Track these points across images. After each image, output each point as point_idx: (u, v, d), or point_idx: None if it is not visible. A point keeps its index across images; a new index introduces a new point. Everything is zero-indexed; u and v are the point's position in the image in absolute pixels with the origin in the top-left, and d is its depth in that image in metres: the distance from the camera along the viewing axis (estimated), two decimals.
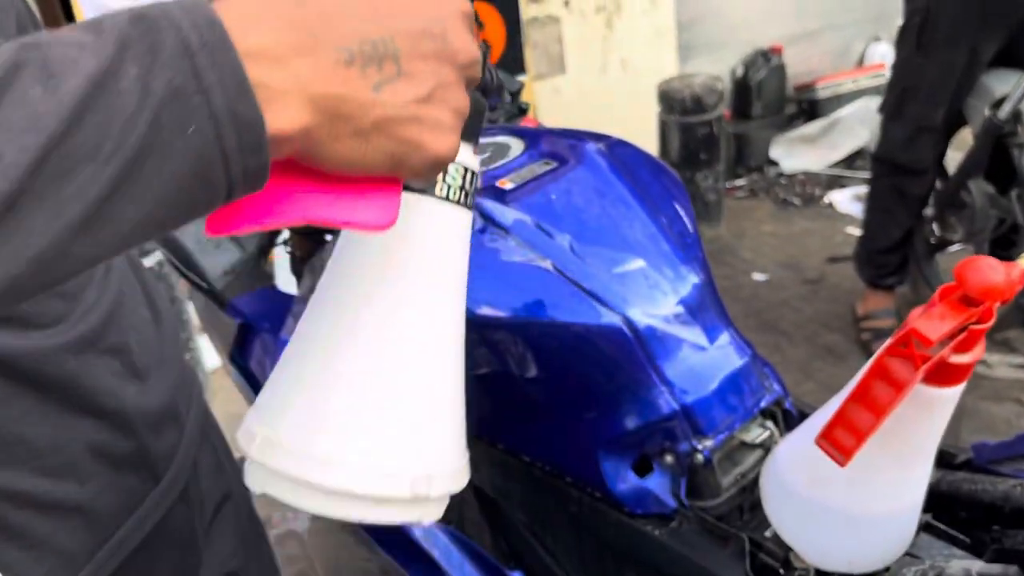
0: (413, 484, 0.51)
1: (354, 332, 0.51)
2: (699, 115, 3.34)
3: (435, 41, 0.43)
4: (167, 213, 0.38)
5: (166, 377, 0.76)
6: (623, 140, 1.11)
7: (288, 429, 0.51)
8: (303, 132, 0.40)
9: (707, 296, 0.95)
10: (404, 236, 0.51)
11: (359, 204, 0.44)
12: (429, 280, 0.53)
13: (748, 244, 3.54)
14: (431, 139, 0.43)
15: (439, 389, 0.54)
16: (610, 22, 3.75)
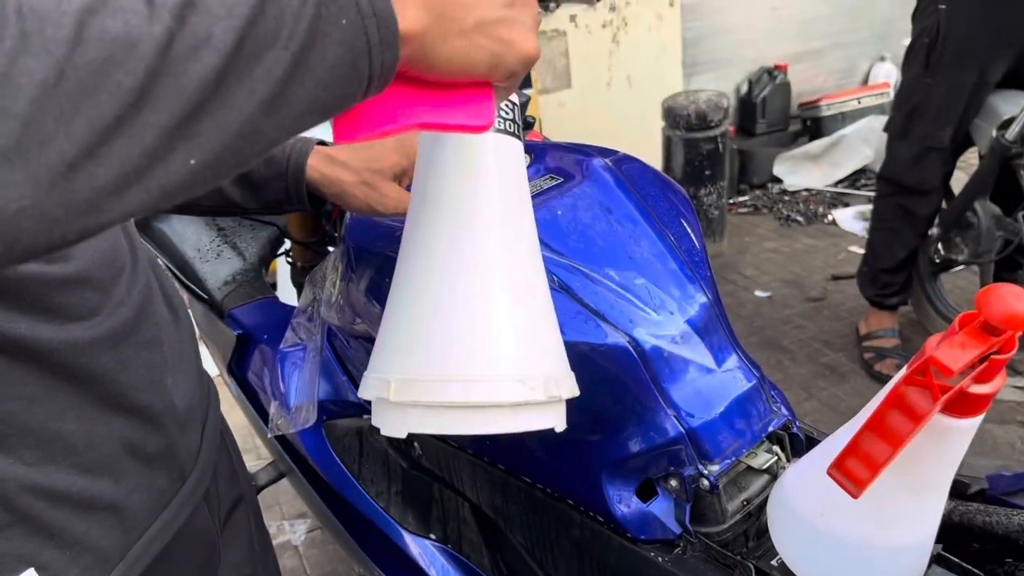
0: (547, 386, 0.56)
1: (462, 259, 0.56)
2: (704, 131, 3.32)
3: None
4: (327, 100, 0.42)
5: (188, 375, 0.75)
6: (630, 155, 1.09)
7: (423, 363, 0.55)
8: (422, 31, 0.45)
9: (714, 316, 0.93)
10: (482, 166, 0.57)
11: (462, 107, 0.49)
12: (513, 200, 0.59)
13: (751, 261, 3.52)
14: (521, 38, 0.50)
15: (543, 297, 0.60)
16: (616, 37, 3.74)
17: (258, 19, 0.39)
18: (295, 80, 0.40)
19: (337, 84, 0.42)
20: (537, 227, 0.94)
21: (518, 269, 0.59)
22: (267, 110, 0.40)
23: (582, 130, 3.79)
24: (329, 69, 0.42)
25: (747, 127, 4.43)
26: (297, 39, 0.40)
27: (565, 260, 0.91)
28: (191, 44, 0.37)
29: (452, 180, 0.58)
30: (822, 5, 4.46)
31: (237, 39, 0.38)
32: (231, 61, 0.38)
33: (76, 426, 0.61)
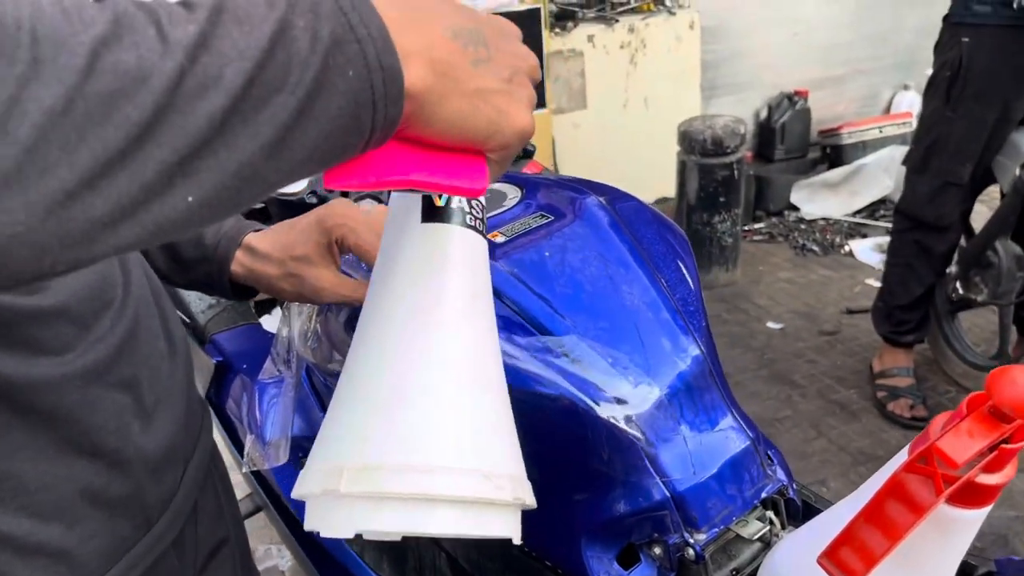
0: (513, 487, 0.52)
1: (428, 348, 0.53)
2: (719, 157, 3.26)
3: (510, 42, 0.52)
4: (327, 148, 0.43)
5: (173, 416, 0.71)
6: (626, 193, 1.04)
7: (382, 449, 0.50)
8: (425, 90, 0.45)
9: (707, 371, 0.87)
10: (448, 258, 0.56)
11: (455, 170, 0.49)
12: (480, 293, 0.58)
13: (764, 290, 3.45)
14: (517, 112, 0.50)
15: (504, 397, 0.57)
16: (634, 59, 3.70)
17: (268, 63, 0.39)
18: (299, 126, 0.41)
19: (339, 134, 0.42)
20: (524, 269, 0.90)
21: (482, 364, 0.56)
22: (269, 154, 0.40)
23: (596, 152, 3.75)
24: (332, 118, 0.42)
25: (765, 153, 4.37)
26: (304, 86, 0.40)
27: (550, 308, 0.86)
28: (201, 82, 0.37)
29: (416, 270, 0.56)
30: (845, 31, 4.40)
31: (246, 81, 0.38)
32: (238, 102, 0.38)
33: (29, 467, 0.57)
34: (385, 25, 0.43)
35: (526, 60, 0.52)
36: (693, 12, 3.80)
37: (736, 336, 3.11)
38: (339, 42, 0.41)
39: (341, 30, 0.41)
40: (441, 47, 0.46)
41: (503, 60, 0.50)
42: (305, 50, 0.40)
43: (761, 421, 2.59)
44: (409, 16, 0.45)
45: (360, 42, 0.42)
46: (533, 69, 0.53)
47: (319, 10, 0.41)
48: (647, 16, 3.71)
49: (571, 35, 3.55)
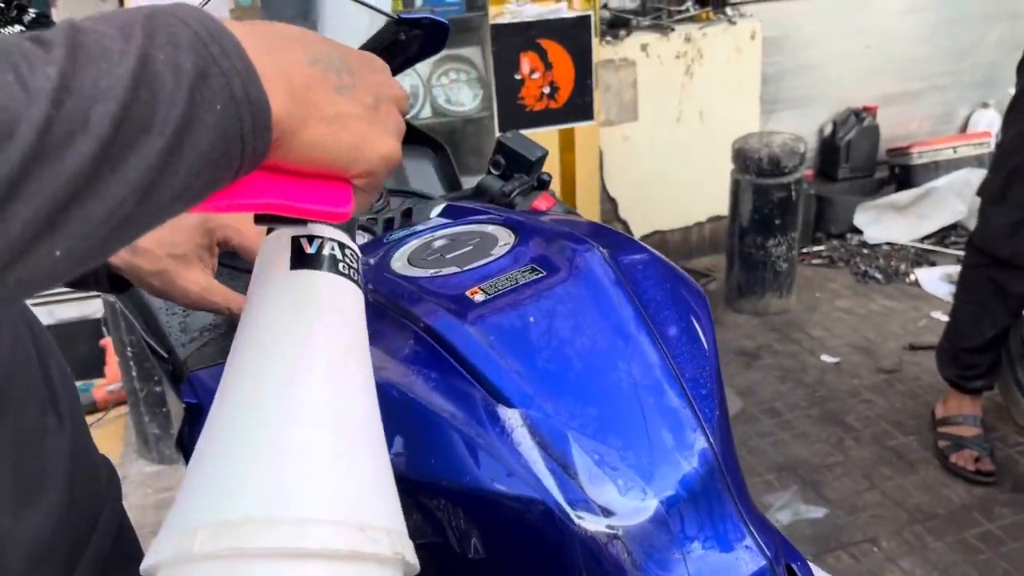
0: (391, 541, 0.49)
1: (295, 398, 0.51)
2: (776, 177, 3.07)
3: (375, 72, 0.51)
4: (198, 186, 0.41)
5: (54, 496, 0.61)
6: (636, 243, 0.89)
7: (245, 504, 0.46)
8: (285, 116, 0.43)
9: (717, 473, 0.72)
10: (317, 305, 0.55)
11: (318, 195, 0.48)
12: (351, 343, 0.55)
13: (820, 320, 3.24)
14: (380, 138, 0.49)
15: (381, 451, 0.54)
16: (690, 70, 3.51)
17: (133, 102, 0.37)
18: (169, 167, 0.39)
19: (209, 170, 0.41)
20: (501, 336, 0.75)
21: (353, 416, 0.53)
22: (139, 198, 0.38)
23: (646, 166, 3.57)
24: (203, 155, 0.40)
25: (828, 172, 4.13)
26: (172, 124, 0.39)
27: (528, 387, 0.71)
28: (68, 129, 0.35)
29: (283, 319, 0.54)
30: (921, 45, 4.14)
31: (113, 123, 0.36)
32: (107, 147, 0.36)
33: None
34: (248, 55, 0.41)
35: (392, 89, 0.52)
36: (755, 22, 3.60)
37: (787, 369, 2.91)
38: (204, 75, 0.39)
39: (204, 62, 0.40)
40: (300, 73, 0.45)
41: (367, 87, 0.49)
42: (170, 85, 0.38)
43: (808, 467, 2.40)
44: (267, 44, 0.44)
45: (225, 75, 0.40)
46: (400, 99, 0.53)
47: (178, 41, 0.39)
48: (705, 25, 3.52)
49: (623, 44, 3.38)
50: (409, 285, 0.81)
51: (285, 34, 0.46)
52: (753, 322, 3.24)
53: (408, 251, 0.90)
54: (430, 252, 0.88)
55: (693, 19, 3.57)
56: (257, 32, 0.44)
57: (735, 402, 2.70)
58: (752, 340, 3.11)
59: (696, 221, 3.81)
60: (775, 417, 2.66)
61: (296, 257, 0.55)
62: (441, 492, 0.70)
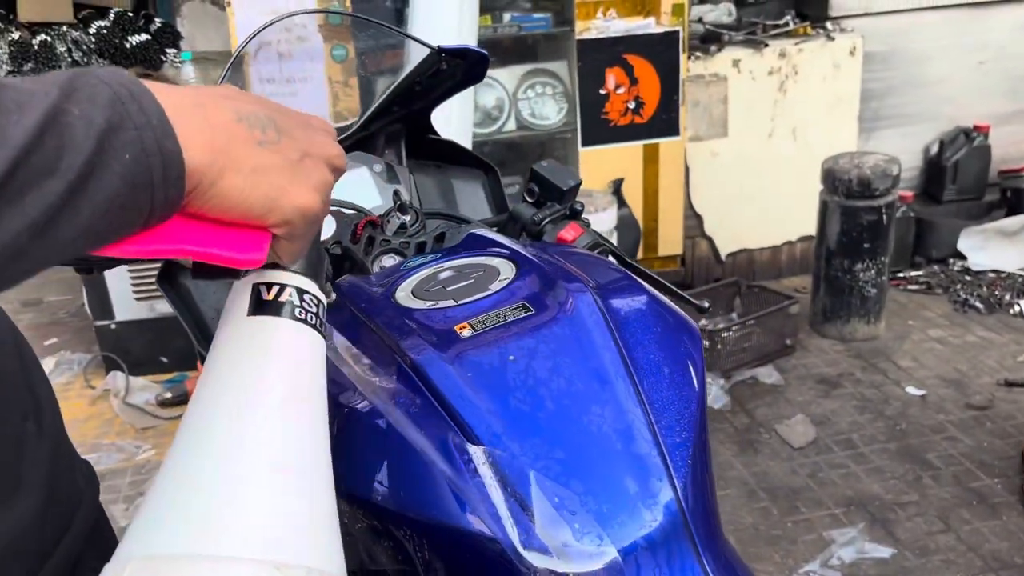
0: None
1: (231, 437, 0.54)
2: (866, 200, 2.96)
3: (307, 131, 0.55)
4: (103, 228, 0.45)
5: (30, 498, 0.65)
6: (638, 285, 0.89)
7: (170, 540, 0.50)
8: (202, 167, 0.47)
9: (681, 521, 0.71)
10: (271, 349, 0.58)
11: (230, 243, 0.50)
12: (301, 388, 0.58)
13: (909, 349, 3.10)
14: (297, 191, 0.52)
15: (322, 492, 0.57)
16: (783, 86, 3.43)
17: (35, 148, 0.41)
18: (70, 207, 0.42)
19: (115, 214, 0.44)
20: (479, 374, 0.77)
21: (293, 457, 0.55)
22: (36, 233, 0.41)
23: (735, 182, 3.51)
24: (109, 199, 0.43)
25: (933, 193, 3.95)
26: (75, 168, 0.42)
27: (498, 426, 0.72)
28: None
29: (236, 362, 0.57)
30: None
31: (10, 167, 0.40)
32: (2, 186, 0.40)
33: None
34: (165, 112, 0.45)
35: (324, 149, 0.55)
36: (855, 37, 3.48)
37: (867, 400, 2.81)
38: (115, 128, 0.43)
39: (118, 117, 0.44)
40: (223, 129, 0.49)
41: (294, 144, 0.53)
42: (80, 135, 0.42)
43: (879, 504, 2.31)
44: (193, 101, 0.48)
45: (138, 128, 0.44)
46: (333, 158, 0.56)
47: (96, 99, 0.44)
48: (802, 40, 3.43)
49: (714, 59, 3.33)
50: (403, 317, 0.84)
51: (219, 94, 0.51)
52: (837, 348, 3.13)
53: (414, 282, 0.93)
54: (434, 284, 0.91)
55: (789, 34, 3.48)
56: (189, 94, 0.49)
57: (808, 431, 2.63)
58: (834, 367, 3.01)
59: (786, 240, 3.71)
60: (849, 449, 2.57)
61: (254, 303, 0.58)
62: (407, 523, 0.73)
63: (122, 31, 4.44)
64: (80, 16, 4.47)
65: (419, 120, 1.39)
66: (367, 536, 0.76)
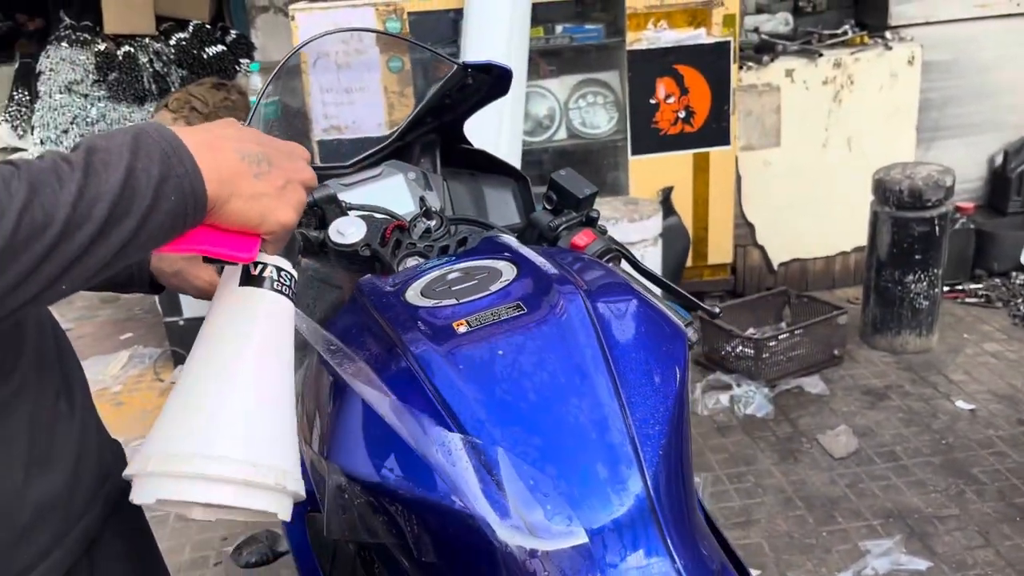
0: (276, 476, 0.70)
1: (224, 366, 0.73)
2: (917, 211, 2.93)
3: (291, 160, 0.75)
4: (152, 245, 0.65)
5: (60, 471, 0.75)
6: (624, 287, 0.95)
7: (179, 441, 0.69)
8: (215, 196, 0.66)
9: (648, 506, 0.77)
10: (255, 311, 0.77)
11: (233, 244, 0.71)
12: (272, 332, 0.77)
13: (962, 363, 3.05)
14: (281, 211, 0.72)
15: (288, 417, 0.76)
16: (838, 96, 3.42)
17: (120, 199, 0.60)
18: (137, 236, 0.62)
19: (163, 235, 0.65)
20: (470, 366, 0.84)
21: (268, 387, 0.74)
22: (116, 253, 0.62)
23: (787, 191, 3.50)
24: (160, 226, 0.63)
25: (997, 204, 3.87)
26: (141, 211, 0.61)
27: (483, 413, 0.79)
28: (79, 222, 0.59)
29: (228, 319, 0.77)
30: None
31: (108, 213, 0.60)
32: (102, 227, 0.60)
33: None
34: (196, 160, 0.65)
35: (300, 174, 0.75)
36: (914, 46, 3.44)
37: (914, 412, 2.78)
38: (166, 178, 0.63)
39: (167, 169, 0.63)
40: (229, 166, 0.68)
41: (281, 173, 0.72)
42: (143, 186, 0.61)
43: (919, 516, 2.30)
44: (208, 145, 0.67)
45: (179, 177, 0.63)
46: (307, 180, 0.76)
47: (153, 156, 0.63)
48: (858, 50, 3.41)
49: (767, 69, 3.34)
50: (408, 314, 0.92)
51: (224, 136, 0.69)
52: (887, 360, 3.11)
53: (425, 282, 1.00)
54: (441, 284, 0.98)
55: (845, 43, 3.46)
56: (204, 138, 0.67)
57: (850, 442, 2.62)
58: (882, 379, 2.99)
59: (840, 251, 3.68)
60: (892, 461, 2.55)
61: (243, 277, 0.77)
62: (398, 499, 0.80)
63: (200, 42, 4.66)
64: (161, 28, 4.71)
65: (452, 131, 1.47)
66: (366, 511, 0.84)
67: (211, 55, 4.65)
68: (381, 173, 1.40)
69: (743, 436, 2.73)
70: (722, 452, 2.65)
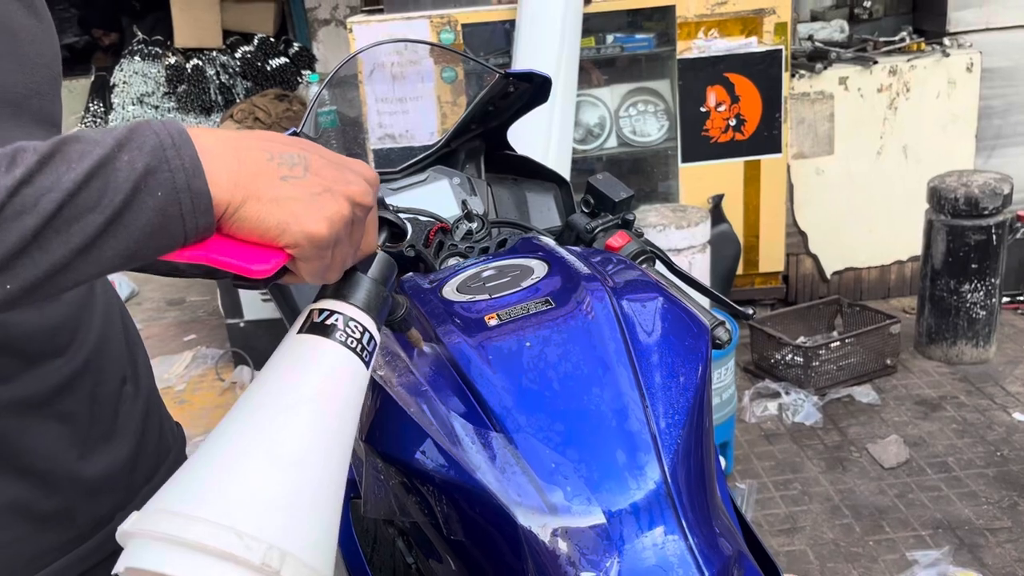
0: (266, 553, 0.56)
1: (250, 424, 0.62)
2: (974, 219, 2.89)
3: (339, 171, 0.63)
4: (138, 250, 0.56)
5: (122, 446, 0.81)
6: (650, 285, 0.99)
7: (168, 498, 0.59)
8: (228, 199, 0.57)
9: (664, 491, 0.81)
10: (304, 361, 0.65)
11: (247, 256, 0.59)
12: (320, 395, 0.64)
13: (1020, 375, 2.99)
14: (308, 219, 0.59)
15: (326, 490, 0.63)
16: (894, 103, 3.38)
17: (80, 191, 0.53)
18: (109, 234, 0.54)
19: (149, 239, 0.55)
20: (499, 356, 0.89)
21: (293, 454, 0.61)
22: (81, 253, 0.54)
23: (841, 200, 3.48)
24: (141, 228, 0.55)
25: None
26: (113, 205, 0.53)
27: (510, 401, 0.84)
28: (18, 210, 0.51)
29: (279, 368, 0.66)
30: None
31: (57, 207, 0.52)
32: (49, 220, 0.52)
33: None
34: (198, 155, 0.56)
35: (350, 187, 0.63)
36: (973, 53, 3.39)
37: (969, 424, 2.73)
38: (152, 171, 0.54)
39: (156, 162, 0.55)
40: (251, 166, 0.59)
41: (319, 180, 0.61)
42: (121, 179, 0.54)
43: (969, 528, 2.27)
44: (230, 145, 0.59)
45: (172, 171, 0.55)
46: (355, 195, 0.63)
47: (144, 147, 0.55)
48: (914, 57, 3.37)
49: (820, 77, 3.32)
50: (444, 308, 0.97)
51: (258, 137, 0.61)
52: (941, 370, 3.06)
53: (461, 278, 1.05)
54: (476, 281, 1.03)
55: (901, 51, 3.43)
56: (229, 140, 0.59)
57: (901, 452, 2.59)
58: (936, 389, 2.95)
59: (895, 260, 3.63)
60: (944, 472, 2.52)
61: (306, 323, 0.67)
62: (429, 479, 0.85)
63: (264, 55, 4.83)
64: (228, 42, 4.89)
65: (496, 137, 1.52)
66: (400, 490, 0.89)
67: (274, 67, 4.80)
68: (427, 178, 1.46)
69: (791, 444, 2.72)
70: (769, 459, 2.65)
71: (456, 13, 3.04)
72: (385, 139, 3.08)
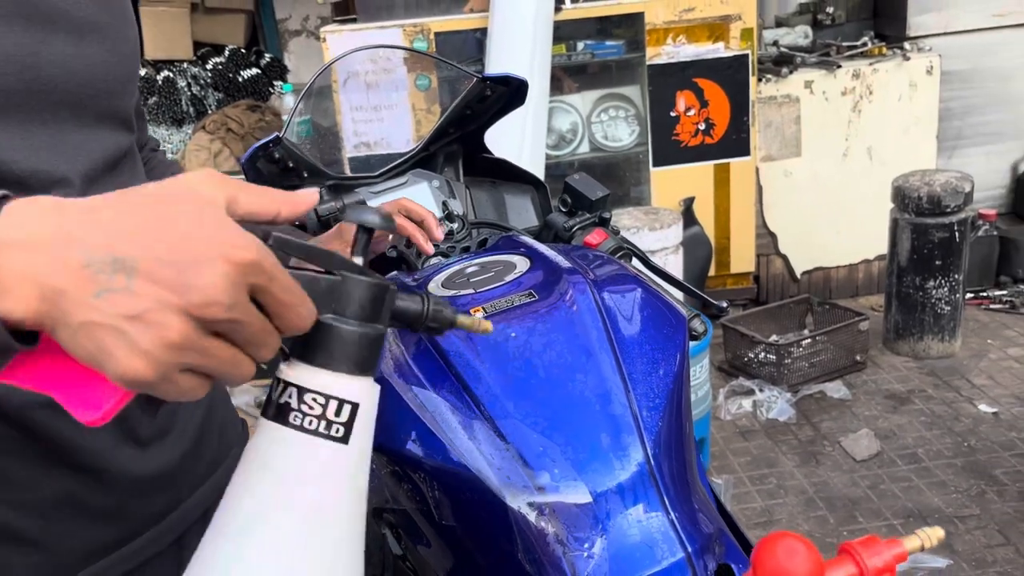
0: None
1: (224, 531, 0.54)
2: (937, 217, 2.97)
3: (177, 274, 0.45)
4: None
5: (178, 445, 0.82)
6: (628, 277, 1.02)
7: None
8: (36, 319, 0.45)
9: (647, 471, 0.84)
10: (265, 463, 0.53)
11: (78, 390, 0.48)
12: (291, 506, 0.52)
13: (985, 368, 3.07)
14: (122, 355, 0.45)
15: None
16: (858, 106, 3.47)
17: None
18: None
19: None
20: (485, 346, 0.92)
21: (273, 552, 0.53)
22: None
23: (808, 201, 3.55)
24: None
25: (1021, 212, 3.88)
26: None
27: (496, 388, 0.87)
28: None
29: (245, 466, 0.55)
30: None
31: None
32: None
33: (17, 466, 0.69)
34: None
35: (187, 295, 0.45)
36: (932, 56, 3.48)
37: (937, 416, 2.81)
38: None
39: None
40: (60, 275, 0.45)
41: (144, 294, 0.45)
42: None
43: (939, 517, 2.33)
44: (46, 238, 0.46)
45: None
46: (199, 307, 0.45)
47: None
48: (876, 61, 3.46)
49: (786, 81, 3.40)
50: None
51: (93, 222, 0.46)
52: (909, 365, 3.14)
53: (446, 275, 1.08)
54: (460, 277, 1.07)
55: (864, 55, 3.52)
56: (50, 228, 0.46)
57: (872, 444, 2.65)
58: (904, 384, 3.02)
59: (863, 259, 3.72)
60: (914, 463, 2.58)
61: (266, 401, 0.54)
62: (420, 467, 0.88)
63: (235, 66, 4.83)
64: (199, 53, 4.89)
65: (474, 141, 1.55)
66: (392, 480, 0.92)
67: (246, 78, 4.81)
68: (407, 181, 1.49)
69: (765, 440, 2.77)
70: (745, 455, 2.70)
71: (429, 22, 3.08)
72: (360, 147, 3.11)
